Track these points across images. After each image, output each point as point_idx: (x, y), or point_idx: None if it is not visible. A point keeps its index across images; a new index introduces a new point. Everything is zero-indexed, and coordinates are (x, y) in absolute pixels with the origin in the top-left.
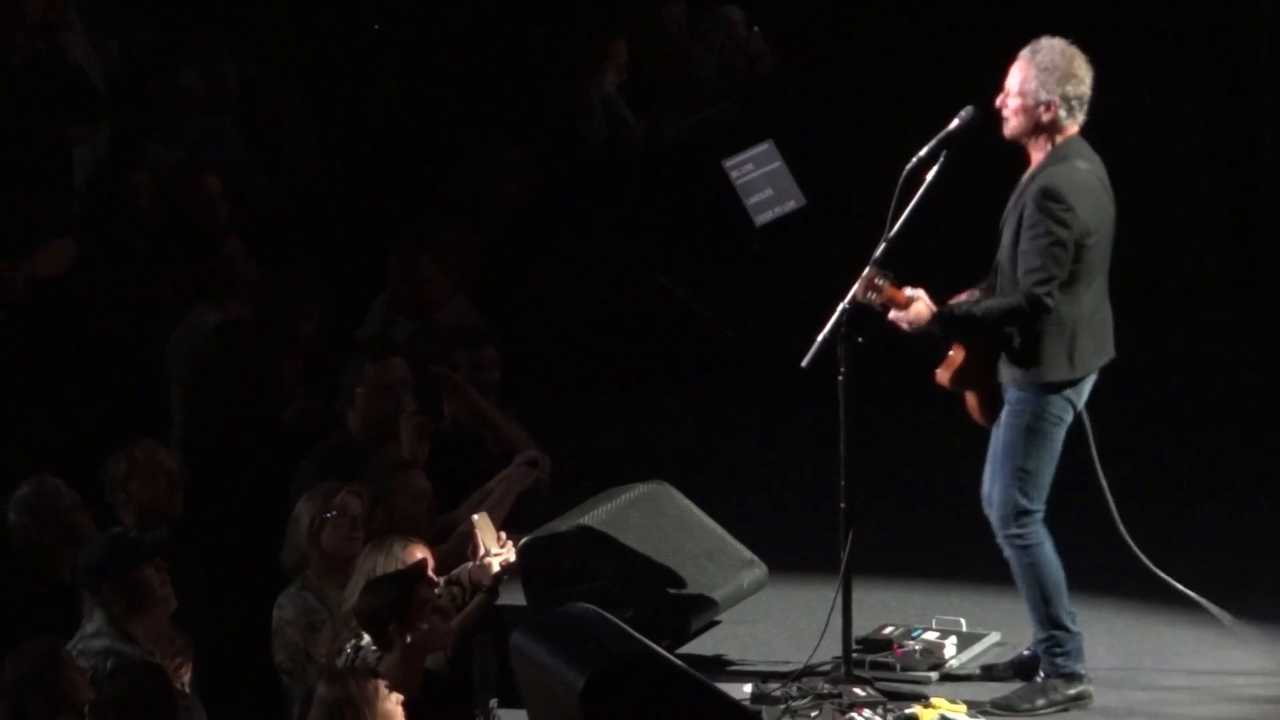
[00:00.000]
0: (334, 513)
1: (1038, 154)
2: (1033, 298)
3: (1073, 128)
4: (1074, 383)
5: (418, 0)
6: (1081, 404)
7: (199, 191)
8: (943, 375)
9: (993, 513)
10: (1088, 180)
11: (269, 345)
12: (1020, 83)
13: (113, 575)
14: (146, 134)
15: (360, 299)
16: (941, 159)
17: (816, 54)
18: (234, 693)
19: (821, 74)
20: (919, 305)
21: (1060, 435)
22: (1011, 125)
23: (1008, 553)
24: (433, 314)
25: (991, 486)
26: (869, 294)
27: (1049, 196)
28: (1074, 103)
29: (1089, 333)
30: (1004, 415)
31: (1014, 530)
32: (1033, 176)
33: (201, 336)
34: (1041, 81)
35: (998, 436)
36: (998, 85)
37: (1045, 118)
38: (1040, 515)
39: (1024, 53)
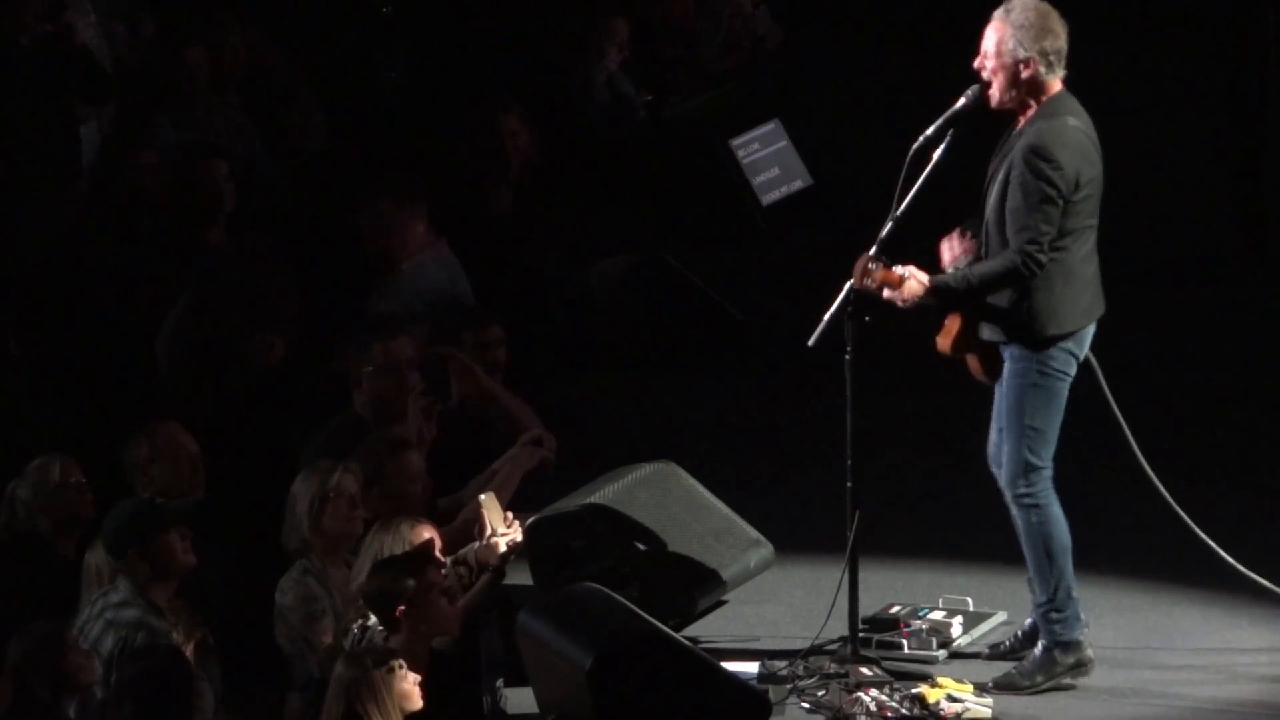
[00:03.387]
0: (332, 494)
1: (1024, 112)
2: (1026, 255)
3: (1056, 84)
4: (1074, 334)
5: None
6: (1083, 356)
7: (206, 174)
8: (942, 343)
9: (1001, 472)
10: (1075, 136)
11: (248, 315)
12: (997, 43)
13: (137, 539)
14: (153, 114)
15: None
16: (948, 138)
17: (823, 31)
18: (244, 670)
19: (828, 51)
20: (912, 281)
21: (1065, 390)
22: (995, 90)
23: (1014, 512)
24: (398, 264)
25: (999, 447)
26: (865, 281)
27: (1037, 154)
28: (1052, 58)
29: (1083, 284)
30: (1006, 374)
31: (1022, 489)
32: (1020, 133)
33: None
34: (1019, 39)
35: (1001, 395)
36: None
37: (1025, 75)
38: (1049, 473)
39: (997, 13)
